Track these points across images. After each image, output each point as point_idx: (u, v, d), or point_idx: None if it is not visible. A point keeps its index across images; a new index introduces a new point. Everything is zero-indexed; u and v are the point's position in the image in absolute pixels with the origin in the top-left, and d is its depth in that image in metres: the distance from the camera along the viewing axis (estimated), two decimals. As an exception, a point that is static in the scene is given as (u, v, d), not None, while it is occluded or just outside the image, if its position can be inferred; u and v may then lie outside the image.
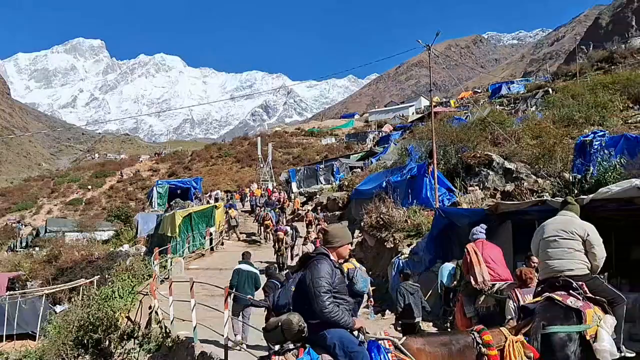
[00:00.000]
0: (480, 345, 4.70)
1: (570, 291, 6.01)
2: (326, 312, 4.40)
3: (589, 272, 6.33)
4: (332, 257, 4.75)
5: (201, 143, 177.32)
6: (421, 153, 23.52)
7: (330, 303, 4.43)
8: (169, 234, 23.94)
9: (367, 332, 4.67)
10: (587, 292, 6.12)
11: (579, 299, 5.94)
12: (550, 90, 40.26)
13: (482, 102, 47.43)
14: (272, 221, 25.21)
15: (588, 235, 6.37)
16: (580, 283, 6.12)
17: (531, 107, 32.85)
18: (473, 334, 4.81)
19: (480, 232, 9.40)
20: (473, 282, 8.57)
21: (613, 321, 6.18)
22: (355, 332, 4.54)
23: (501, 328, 5.01)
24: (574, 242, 6.37)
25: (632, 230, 11.92)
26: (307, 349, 4.43)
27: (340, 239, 4.89)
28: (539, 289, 6.46)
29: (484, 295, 8.57)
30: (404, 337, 4.85)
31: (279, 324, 4.49)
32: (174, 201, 33.69)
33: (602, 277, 6.77)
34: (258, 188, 41.73)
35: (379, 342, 4.59)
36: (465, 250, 9.31)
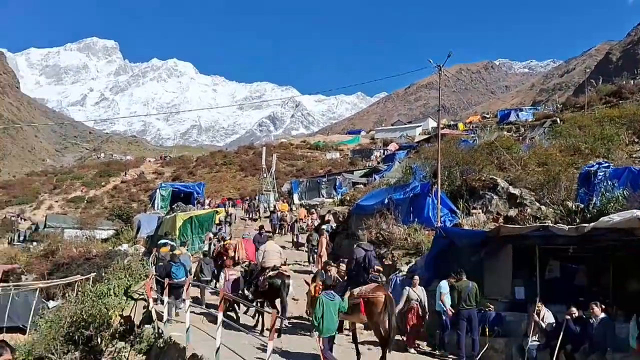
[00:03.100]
0: None
1: None
2: None
3: None
4: None
5: (207, 150, 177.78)
6: (425, 173, 23.51)
7: None
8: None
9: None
10: None
11: None
12: (558, 120, 40.32)
13: (490, 127, 47.48)
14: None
15: None
16: None
17: (539, 135, 32.88)
18: None
19: None
20: None
21: None
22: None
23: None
24: None
25: (630, 261, 11.87)
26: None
27: None
28: None
29: None
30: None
31: None
32: (176, 204, 33.69)
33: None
34: (284, 202, 36.92)
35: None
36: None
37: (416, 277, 12.86)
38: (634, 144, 25.22)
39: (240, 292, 14.22)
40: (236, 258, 16.76)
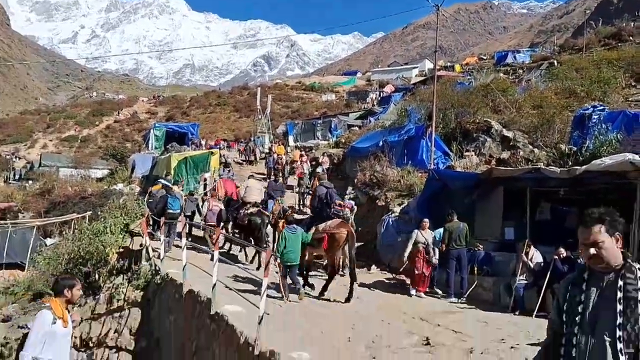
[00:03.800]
0: None
1: None
2: None
3: None
4: None
5: (200, 89, 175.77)
6: (421, 115, 23.46)
7: None
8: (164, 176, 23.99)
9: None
10: None
11: None
12: (555, 62, 39.89)
13: (487, 69, 47.01)
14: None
15: None
16: None
17: (535, 78, 32.61)
18: None
19: None
20: None
21: None
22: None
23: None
24: None
25: (621, 204, 12.04)
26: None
27: None
28: None
29: None
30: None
31: None
32: (170, 145, 33.63)
33: None
34: (280, 145, 35.63)
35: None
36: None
37: (425, 220, 12.59)
38: (631, 87, 25.12)
39: (222, 222, 15.11)
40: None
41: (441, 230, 12.60)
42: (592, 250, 2.92)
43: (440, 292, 12.39)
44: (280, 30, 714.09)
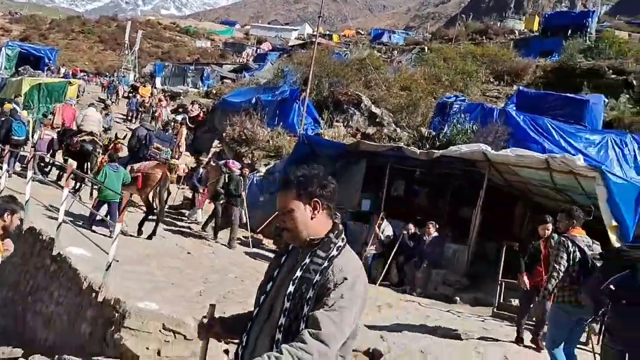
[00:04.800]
0: None
1: None
2: None
3: None
4: None
5: (64, 13, 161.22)
6: (296, 78, 23.52)
7: None
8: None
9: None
10: None
11: None
12: (426, 48, 41.85)
13: (363, 44, 48.11)
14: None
15: None
16: None
17: (406, 60, 34.01)
18: None
19: None
20: None
21: None
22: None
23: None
24: None
25: (466, 190, 13.12)
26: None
27: None
28: None
29: None
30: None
31: None
32: (23, 67, 30.63)
33: None
34: (145, 86, 32.74)
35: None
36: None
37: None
38: (489, 83, 27.03)
39: (52, 150, 14.54)
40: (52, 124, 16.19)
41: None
42: (284, 219, 2.36)
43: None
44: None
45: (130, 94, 31.57)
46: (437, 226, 11.63)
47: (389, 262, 11.49)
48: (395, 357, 6.31)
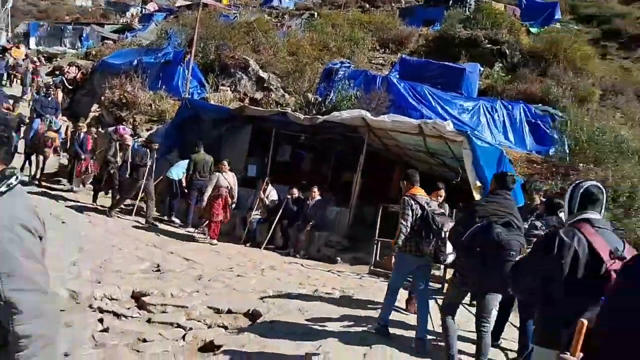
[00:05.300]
0: None
1: None
2: None
3: None
4: None
5: None
6: (181, 40, 22.71)
7: None
8: None
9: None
10: None
11: None
12: (315, 14, 41.86)
13: (253, 7, 47.30)
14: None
15: None
16: None
17: (296, 25, 33.87)
18: None
19: None
20: None
21: None
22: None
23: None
24: None
25: (348, 155, 13.50)
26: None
27: None
28: None
29: None
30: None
31: None
32: None
33: None
34: (18, 47, 29.08)
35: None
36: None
37: (224, 162, 11.44)
38: (376, 50, 27.57)
39: None
40: None
41: (185, 162, 12.59)
42: None
43: (178, 221, 12.52)
44: None
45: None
46: (321, 190, 11.92)
47: (273, 226, 11.64)
48: (274, 316, 6.46)
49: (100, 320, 6.14)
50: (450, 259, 5.64)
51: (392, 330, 6.00)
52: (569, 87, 18.11)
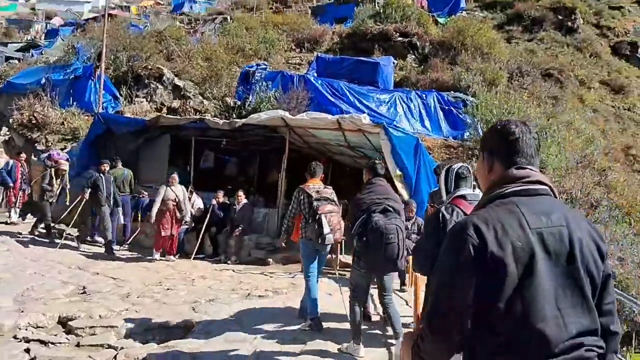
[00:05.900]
0: None
1: None
2: None
3: None
4: None
5: None
6: (90, 54, 21.92)
7: None
8: None
9: None
10: None
11: None
12: (229, 18, 41.57)
13: (163, 14, 46.36)
14: None
15: None
16: None
17: (209, 31, 33.46)
18: None
19: None
20: None
21: None
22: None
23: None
24: None
25: (272, 155, 13.51)
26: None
27: None
28: None
29: None
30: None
31: None
32: None
33: None
34: None
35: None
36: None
37: (174, 175, 11.20)
38: (292, 50, 27.67)
39: None
40: None
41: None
42: None
43: (102, 240, 12.10)
44: None
45: None
46: (247, 193, 11.86)
47: (201, 234, 11.47)
48: (207, 325, 6.39)
49: (27, 350, 5.86)
50: (328, 239, 6.04)
51: (325, 325, 6.06)
52: (477, 73, 18.76)
